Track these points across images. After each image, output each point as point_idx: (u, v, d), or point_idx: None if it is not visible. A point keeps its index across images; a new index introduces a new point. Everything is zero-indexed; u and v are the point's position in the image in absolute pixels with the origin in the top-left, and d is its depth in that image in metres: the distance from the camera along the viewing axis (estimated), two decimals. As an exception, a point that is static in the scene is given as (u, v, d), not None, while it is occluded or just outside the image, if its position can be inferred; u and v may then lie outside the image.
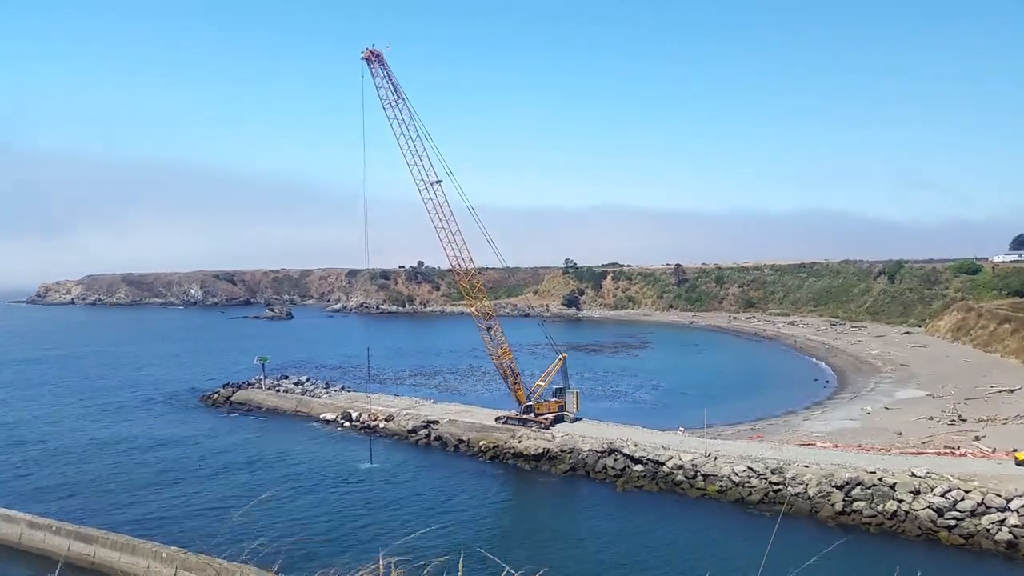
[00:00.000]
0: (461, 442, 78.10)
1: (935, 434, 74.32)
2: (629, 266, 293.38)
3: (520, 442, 74.07)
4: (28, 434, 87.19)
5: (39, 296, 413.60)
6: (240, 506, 54.83)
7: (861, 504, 53.92)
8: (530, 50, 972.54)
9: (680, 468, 63.36)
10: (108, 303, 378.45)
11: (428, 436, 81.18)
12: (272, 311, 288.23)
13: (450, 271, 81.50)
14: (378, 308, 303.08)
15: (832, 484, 56.18)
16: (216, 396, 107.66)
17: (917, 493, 52.91)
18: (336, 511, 58.64)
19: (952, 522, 50.24)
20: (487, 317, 77.60)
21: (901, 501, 52.78)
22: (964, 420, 79.47)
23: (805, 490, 56.90)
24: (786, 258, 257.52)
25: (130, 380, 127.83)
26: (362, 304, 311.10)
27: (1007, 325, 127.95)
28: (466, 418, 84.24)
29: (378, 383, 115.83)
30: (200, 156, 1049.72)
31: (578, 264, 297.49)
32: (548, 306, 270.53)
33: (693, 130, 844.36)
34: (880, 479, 54.99)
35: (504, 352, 77.50)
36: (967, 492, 51.78)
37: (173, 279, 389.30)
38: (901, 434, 75.36)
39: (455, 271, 78.16)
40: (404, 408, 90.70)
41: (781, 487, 58.09)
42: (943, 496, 51.89)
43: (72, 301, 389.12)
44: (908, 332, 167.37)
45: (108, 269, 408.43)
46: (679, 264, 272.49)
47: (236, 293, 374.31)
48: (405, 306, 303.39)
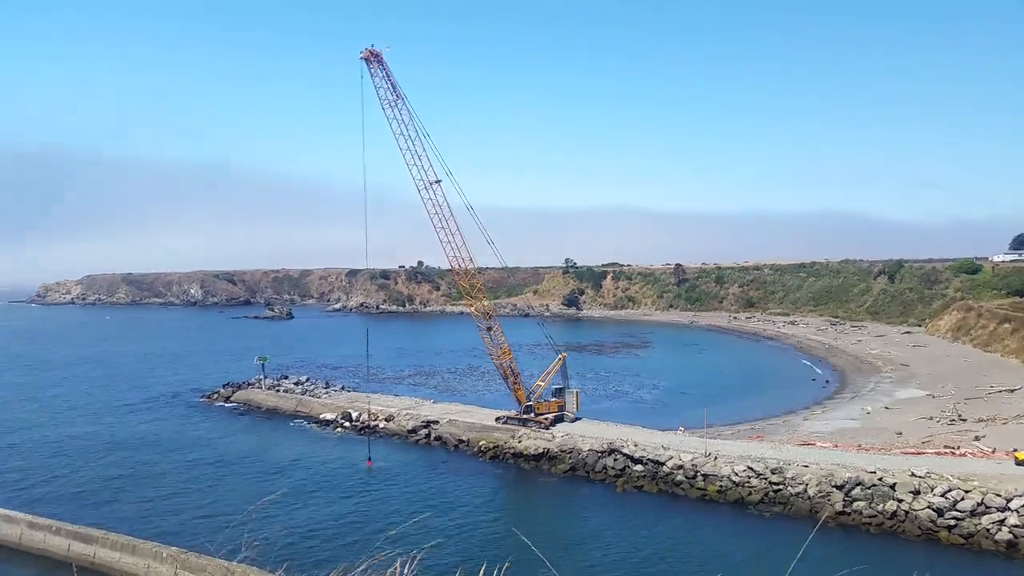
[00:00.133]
0: (461, 442, 78.13)
1: (935, 434, 74.30)
2: (629, 266, 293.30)
3: (520, 442, 74.08)
4: (28, 434, 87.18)
5: (39, 296, 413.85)
6: (240, 506, 54.89)
7: (861, 504, 53.92)
8: (530, 50, 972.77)
9: (680, 468, 63.36)
10: (108, 303, 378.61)
11: (428, 436, 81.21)
12: (272, 311, 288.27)
13: (450, 271, 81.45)
14: (378, 308, 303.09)
15: (832, 484, 56.19)
16: (216, 396, 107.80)
17: (917, 493, 52.93)
18: (336, 511, 58.64)
19: (952, 522, 50.25)
20: (487, 317, 77.58)
21: (901, 501, 52.79)
22: (964, 420, 79.46)
23: (805, 490, 56.90)
24: (786, 258, 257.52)
25: (130, 380, 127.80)
26: (362, 304, 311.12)
27: (1007, 325, 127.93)
28: (466, 418, 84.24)
29: (378, 383, 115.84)
30: (199, 156, 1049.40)
31: (578, 264, 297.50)
32: (548, 306, 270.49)
33: (693, 130, 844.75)
34: (880, 479, 55.00)
35: (504, 352, 77.48)
36: (967, 492, 51.79)
37: (173, 279, 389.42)
38: (901, 434, 75.36)
39: (455, 271, 78.13)
40: (404, 408, 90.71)
41: (781, 487, 58.10)
42: (943, 496, 51.90)
43: (72, 301, 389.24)
44: (908, 332, 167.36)
45: (108, 269, 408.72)
46: (679, 264, 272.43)
47: (236, 293, 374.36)
48: (405, 306, 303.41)
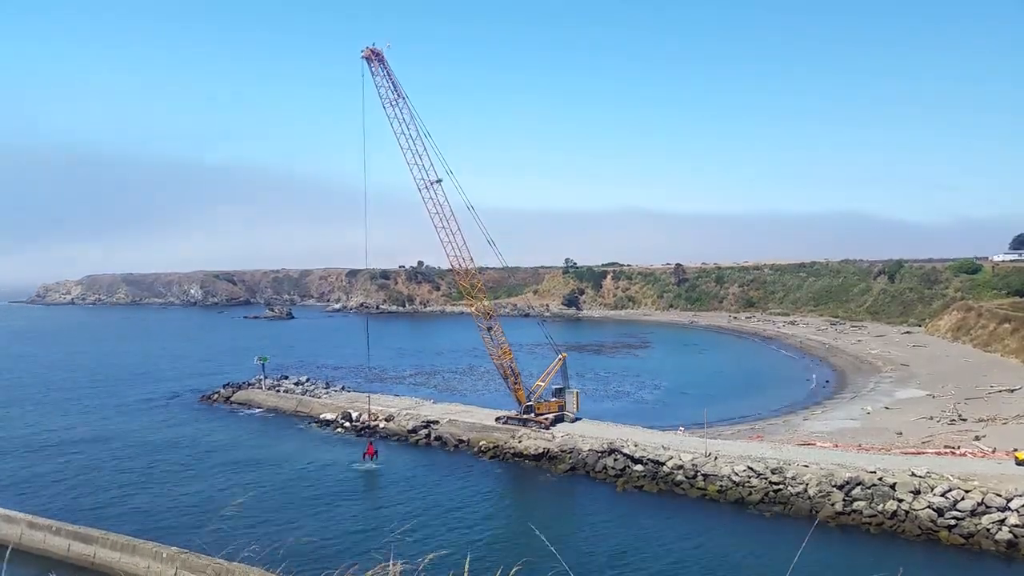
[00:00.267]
0: (461, 442, 78.09)
1: (935, 434, 74.26)
2: (629, 266, 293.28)
3: (520, 442, 74.05)
4: (28, 434, 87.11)
5: (39, 296, 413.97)
6: (240, 506, 54.91)
7: (861, 504, 53.89)
8: (530, 50, 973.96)
9: (680, 468, 63.33)
10: (108, 303, 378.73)
11: (428, 436, 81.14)
12: (272, 311, 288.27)
13: (450, 271, 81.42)
14: (378, 308, 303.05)
15: (832, 484, 56.16)
16: (216, 396, 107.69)
17: (917, 493, 52.90)
18: (336, 511, 58.61)
19: (952, 522, 50.20)
20: (487, 317, 77.55)
21: (901, 501, 52.76)
22: (964, 420, 79.42)
23: (805, 490, 56.87)
24: (786, 258, 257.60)
25: (130, 380, 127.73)
26: (362, 304, 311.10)
27: (1007, 325, 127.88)
28: (466, 418, 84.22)
29: (378, 383, 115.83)
30: (201, 155, 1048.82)
31: (578, 264, 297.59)
32: (548, 306, 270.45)
33: (693, 130, 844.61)
34: (880, 479, 54.98)
35: (504, 352, 77.46)
36: (967, 492, 51.75)
37: (173, 279, 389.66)
38: (901, 434, 75.33)
39: (455, 271, 78.09)
40: (404, 408, 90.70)
41: (781, 487, 58.07)
42: (943, 496, 51.86)
43: (72, 301, 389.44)
44: (908, 332, 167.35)
45: (108, 269, 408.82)
46: (679, 264, 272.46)
47: (236, 293, 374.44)
48: (405, 306, 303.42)
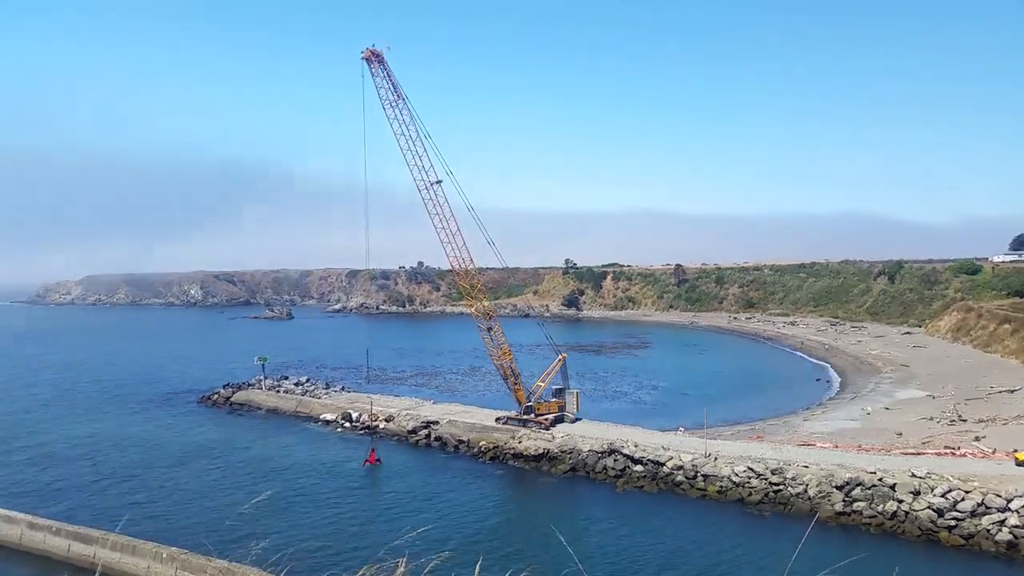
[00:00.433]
0: (461, 442, 78.07)
1: (935, 434, 74.27)
2: (629, 266, 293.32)
3: (520, 443, 74.05)
4: (28, 434, 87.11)
5: (39, 296, 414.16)
6: (239, 507, 54.86)
7: (861, 504, 53.90)
8: (530, 50, 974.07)
9: (680, 468, 63.34)
10: (108, 303, 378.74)
11: (428, 437, 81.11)
12: (272, 311, 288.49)
13: (450, 271, 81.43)
14: (378, 308, 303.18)
15: (832, 484, 56.17)
16: (216, 396, 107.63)
17: (917, 493, 52.91)
18: (336, 512, 58.59)
19: (952, 522, 50.21)
20: (487, 317, 77.56)
21: (901, 501, 52.77)
22: (964, 420, 79.43)
23: (805, 490, 56.89)
24: (786, 258, 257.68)
25: (130, 381, 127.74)
26: (362, 304, 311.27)
27: (1007, 325, 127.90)
28: (466, 418, 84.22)
29: (378, 383, 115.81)
30: (201, 156, 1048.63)
31: (578, 264, 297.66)
32: (548, 306, 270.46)
33: (693, 130, 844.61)
34: (880, 479, 54.99)
35: (504, 352, 77.46)
36: (967, 492, 51.77)
37: (173, 279, 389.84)
38: (901, 434, 75.33)
39: (455, 271, 78.09)
40: (404, 408, 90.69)
41: (781, 487, 58.08)
42: (943, 496, 51.87)
43: (72, 301, 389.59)
44: (908, 332, 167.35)
45: (108, 269, 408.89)
46: (679, 264, 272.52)
47: (236, 293, 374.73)
48: (405, 306, 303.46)
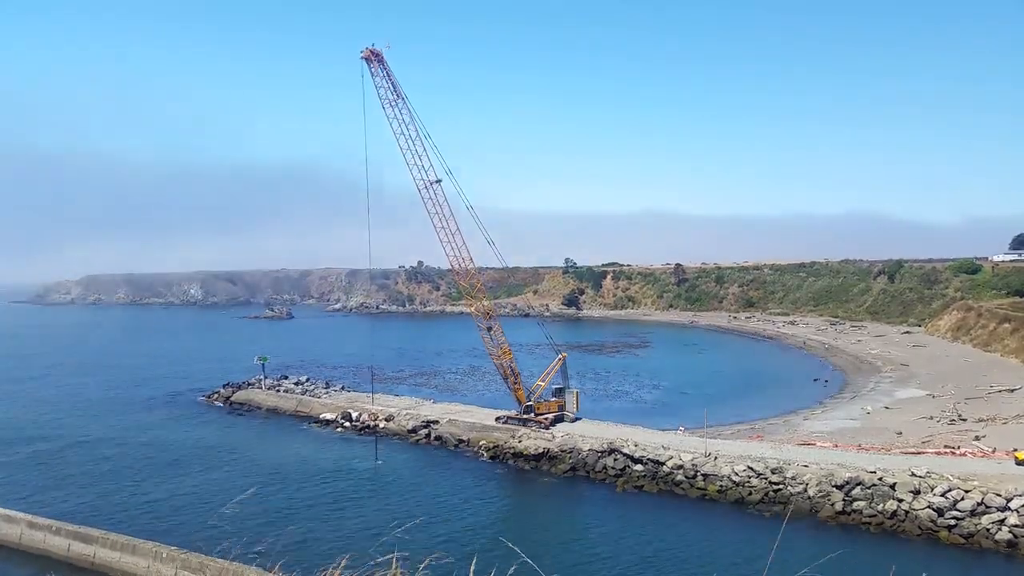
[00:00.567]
0: (461, 442, 78.10)
1: (935, 434, 74.28)
2: (629, 266, 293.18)
3: (520, 442, 74.06)
4: (28, 434, 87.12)
5: (39, 296, 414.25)
6: (239, 506, 54.89)
7: (861, 504, 53.92)
8: (530, 50, 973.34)
9: (680, 468, 63.34)
10: (108, 303, 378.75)
11: (428, 436, 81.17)
12: (272, 311, 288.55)
13: (450, 271, 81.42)
14: (378, 308, 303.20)
15: (832, 484, 56.19)
16: (216, 396, 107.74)
17: (917, 493, 52.93)
18: (335, 511, 58.62)
19: (952, 522, 50.25)
20: (487, 317, 77.55)
21: (901, 501, 52.79)
22: (964, 420, 79.43)
23: (805, 490, 56.90)
24: (786, 258, 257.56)
25: (130, 380, 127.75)
26: (362, 304, 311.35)
27: (1007, 324, 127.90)
28: (466, 418, 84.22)
29: (378, 383, 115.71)
30: (201, 156, 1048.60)
31: (578, 264, 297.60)
32: (548, 306, 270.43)
33: (693, 130, 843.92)
34: (880, 479, 55.01)
35: (504, 352, 77.45)
36: (967, 492, 51.79)
37: (173, 279, 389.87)
38: (901, 434, 75.34)
39: (455, 271, 78.10)
40: (404, 408, 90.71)
41: (781, 487, 58.10)
42: (943, 496, 51.90)
43: (72, 301, 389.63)
44: (908, 332, 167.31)
45: (107, 269, 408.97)
46: (679, 264, 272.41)
47: (236, 293, 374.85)
48: (405, 306, 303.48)
